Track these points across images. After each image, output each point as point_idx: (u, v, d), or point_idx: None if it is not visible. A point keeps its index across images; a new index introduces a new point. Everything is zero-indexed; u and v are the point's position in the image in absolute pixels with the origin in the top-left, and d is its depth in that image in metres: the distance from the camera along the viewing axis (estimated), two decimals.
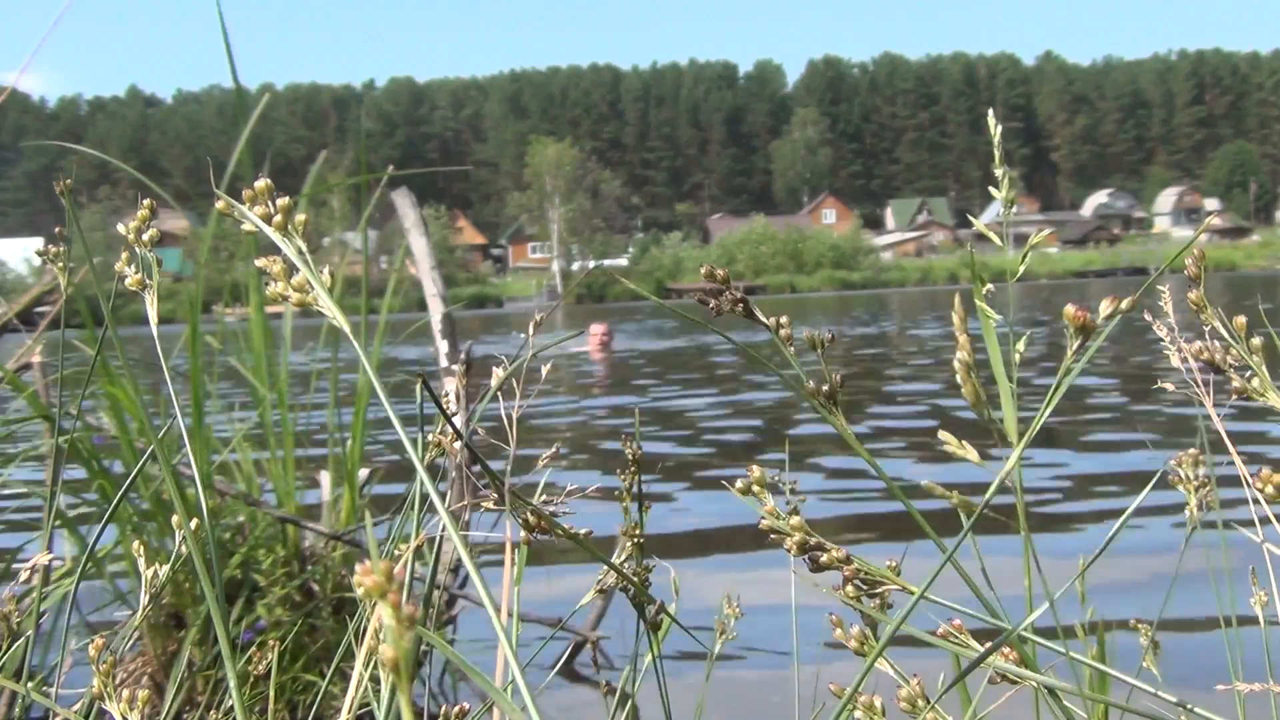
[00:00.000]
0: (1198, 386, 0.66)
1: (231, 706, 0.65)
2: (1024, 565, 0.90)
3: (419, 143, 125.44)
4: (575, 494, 0.76)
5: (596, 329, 17.52)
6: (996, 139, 0.68)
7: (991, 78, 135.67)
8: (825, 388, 0.64)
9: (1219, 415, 0.68)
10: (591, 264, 73.80)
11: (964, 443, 0.65)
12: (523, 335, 0.79)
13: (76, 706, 0.75)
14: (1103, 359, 11.23)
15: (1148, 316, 0.68)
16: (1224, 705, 0.76)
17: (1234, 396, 0.62)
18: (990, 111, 0.69)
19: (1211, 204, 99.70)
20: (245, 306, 2.69)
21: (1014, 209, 0.72)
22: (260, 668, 0.97)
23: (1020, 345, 0.64)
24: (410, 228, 2.84)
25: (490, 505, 0.72)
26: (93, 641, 0.70)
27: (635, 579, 0.81)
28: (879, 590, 0.66)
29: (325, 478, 2.70)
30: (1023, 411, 0.64)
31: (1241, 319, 0.63)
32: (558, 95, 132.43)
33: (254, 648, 0.99)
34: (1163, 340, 0.68)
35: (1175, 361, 0.66)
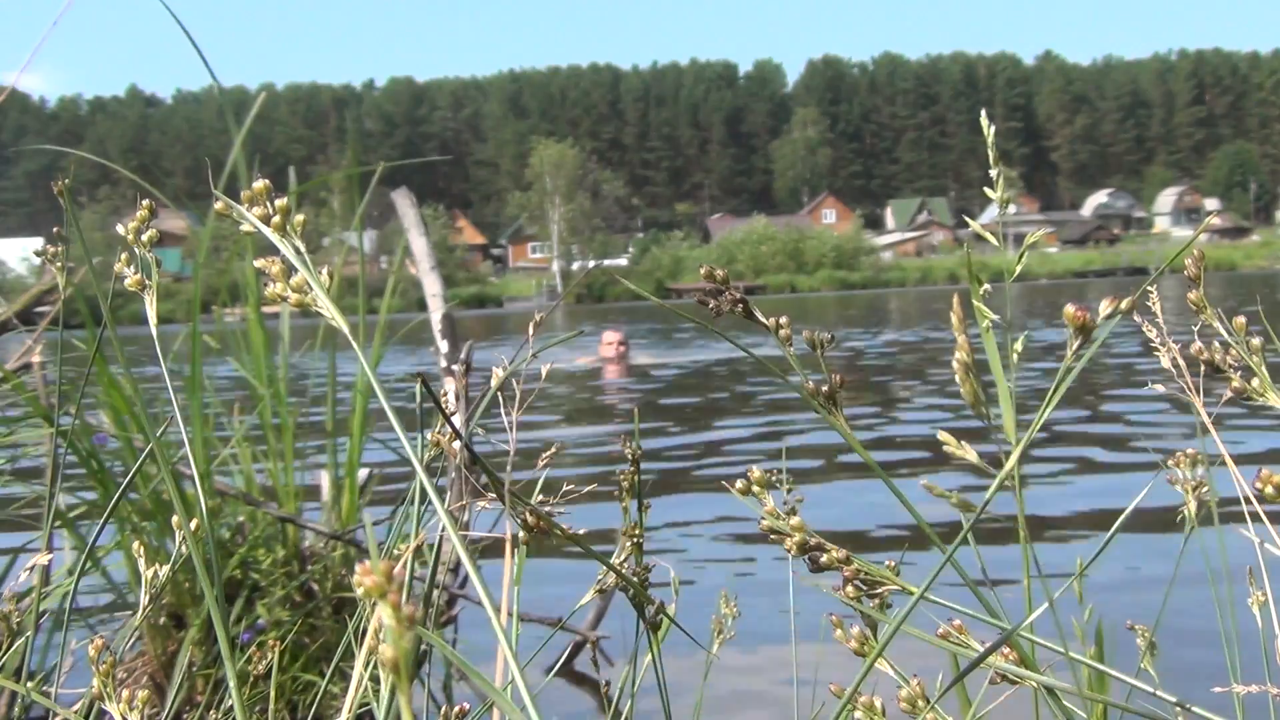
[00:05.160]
0: (1188, 387, 0.66)
1: (231, 706, 0.65)
2: (1023, 565, 0.90)
3: (419, 143, 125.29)
4: (573, 495, 0.76)
5: (612, 337, 13.55)
6: (991, 139, 0.69)
7: (991, 78, 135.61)
8: (825, 388, 0.64)
9: (1209, 415, 0.68)
10: (591, 264, 73.71)
11: (963, 443, 0.65)
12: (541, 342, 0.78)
13: (76, 706, 0.75)
14: (1105, 359, 11.23)
15: (1137, 318, 0.68)
16: (1223, 705, 0.76)
17: (1227, 397, 0.62)
18: (984, 111, 0.69)
19: (1211, 204, 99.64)
20: (244, 307, 2.69)
21: (1014, 209, 0.72)
22: (260, 668, 0.97)
23: (1018, 345, 0.64)
24: (410, 227, 2.84)
25: (488, 504, 0.72)
26: (93, 641, 0.70)
27: (635, 579, 0.81)
28: (879, 590, 0.66)
29: (325, 477, 2.70)
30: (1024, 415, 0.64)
31: (1241, 319, 0.64)
32: (558, 95, 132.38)
33: (254, 648, 0.99)
34: (1153, 342, 0.68)
35: (1165, 363, 0.66)
